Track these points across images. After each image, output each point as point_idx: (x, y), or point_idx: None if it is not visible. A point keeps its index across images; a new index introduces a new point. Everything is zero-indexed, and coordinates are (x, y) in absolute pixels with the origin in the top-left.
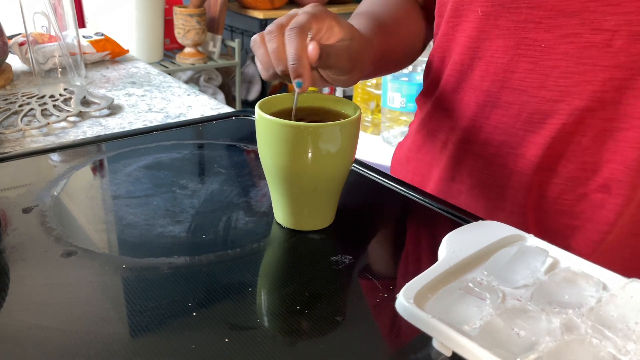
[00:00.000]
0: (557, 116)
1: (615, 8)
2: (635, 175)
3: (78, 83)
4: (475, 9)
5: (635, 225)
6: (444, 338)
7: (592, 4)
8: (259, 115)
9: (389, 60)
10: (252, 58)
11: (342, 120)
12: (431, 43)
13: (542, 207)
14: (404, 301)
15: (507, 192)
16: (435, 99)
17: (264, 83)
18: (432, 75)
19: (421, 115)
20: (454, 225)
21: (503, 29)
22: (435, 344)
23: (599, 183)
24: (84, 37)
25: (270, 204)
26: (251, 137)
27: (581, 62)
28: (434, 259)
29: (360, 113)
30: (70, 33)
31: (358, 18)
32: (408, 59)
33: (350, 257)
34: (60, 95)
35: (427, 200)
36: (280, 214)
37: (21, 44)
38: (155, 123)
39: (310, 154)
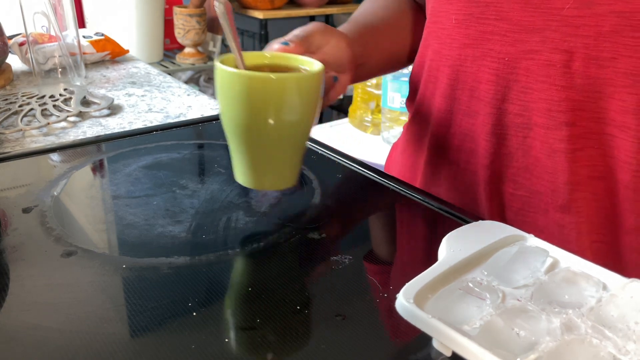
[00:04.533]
0: (518, 130)
1: (575, 30)
2: (590, 197)
3: (78, 83)
4: (450, 16)
5: (597, 244)
6: (444, 338)
7: (554, 24)
8: (217, 67)
9: (372, 65)
10: None
11: (301, 73)
12: None
13: (508, 218)
14: (404, 301)
15: (478, 199)
16: (416, 104)
17: None
18: (414, 80)
19: (408, 119)
20: (454, 225)
21: (472, 39)
22: (435, 344)
23: (558, 202)
24: (84, 37)
25: (271, 203)
26: None
27: (540, 79)
28: (434, 259)
29: (323, 69)
30: (70, 33)
31: (347, 24)
32: (393, 64)
33: (350, 257)
34: (60, 95)
35: (427, 200)
36: (240, 173)
37: (21, 44)
38: (155, 123)
39: (268, 108)
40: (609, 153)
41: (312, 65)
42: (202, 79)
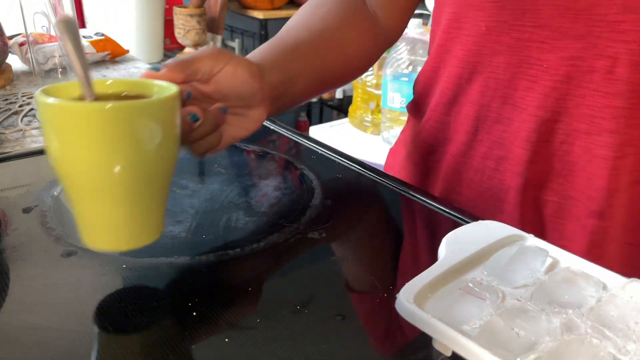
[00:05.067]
0: (556, 136)
1: (620, 35)
2: (627, 203)
3: None
4: (477, 23)
5: (627, 247)
6: (444, 338)
7: (597, 30)
8: (37, 98)
9: (300, 90)
10: None
11: (137, 100)
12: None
13: (538, 224)
14: (404, 301)
15: (505, 207)
16: (430, 110)
17: None
18: (425, 85)
19: (414, 124)
20: (454, 225)
21: (505, 46)
22: (435, 344)
23: (592, 208)
24: (83, 37)
25: (271, 203)
26: (251, 137)
27: (582, 85)
28: (434, 259)
29: (174, 94)
30: None
31: (267, 45)
32: (333, 83)
33: (350, 257)
34: None
35: (427, 200)
36: (83, 232)
37: (21, 44)
38: None
39: (98, 146)
40: None
41: (169, 91)
42: None
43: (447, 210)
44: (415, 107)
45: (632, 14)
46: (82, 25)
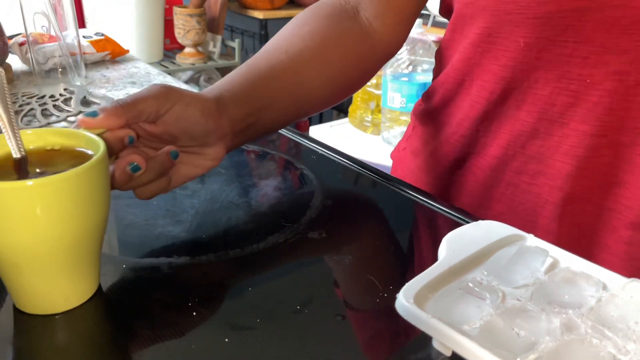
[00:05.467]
0: (599, 150)
1: None
2: None
3: (78, 83)
4: (515, 38)
5: None
6: (444, 338)
7: None
8: None
9: (272, 118)
10: None
11: (59, 175)
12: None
13: (575, 237)
14: (404, 301)
15: (540, 221)
16: (456, 123)
17: None
18: (446, 97)
19: (426, 133)
20: (454, 225)
21: (545, 61)
22: (435, 344)
23: (629, 219)
24: (84, 37)
25: (271, 203)
26: None
27: (627, 99)
28: (434, 259)
29: (100, 157)
30: (70, 33)
31: (237, 72)
32: (311, 107)
33: (350, 257)
34: (61, 95)
35: (427, 200)
36: (16, 299)
37: (21, 44)
38: None
39: (27, 221)
40: None
41: (97, 147)
42: (202, 79)
43: (447, 210)
44: (430, 117)
45: None
46: (82, 25)
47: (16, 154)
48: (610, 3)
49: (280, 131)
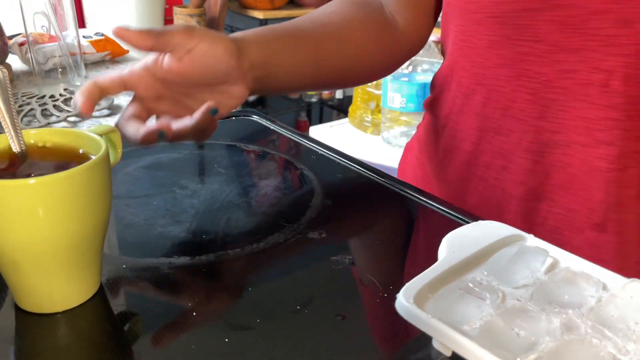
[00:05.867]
0: (555, 147)
1: (615, 49)
2: (634, 218)
3: (78, 83)
4: (480, 37)
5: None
6: (444, 338)
7: (593, 44)
8: None
9: (287, 77)
10: None
11: (64, 172)
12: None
13: (541, 235)
14: (404, 301)
15: (507, 216)
16: (444, 116)
17: None
18: (441, 89)
19: (430, 122)
20: (454, 225)
21: (506, 59)
22: (435, 344)
23: (594, 221)
24: (84, 37)
25: (271, 203)
26: (251, 137)
27: (579, 98)
28: (434, 259)
29: (102, 155)
30: (70, 33)
31: (263, 27)
32: (327, 81)
33: (350, 257)
34: (61, 95)
35: (427, 200)
36: (16, 296)
37: (21, 44)
38: None
39: (29, 219)
40: None
41: (99, 147)
42: None
43: (447, 210)
44: (433, 106)
45: (626, 29)
46: (82, 25)
47: (19, 152)
48: (560, 3)
49: (280, 131)
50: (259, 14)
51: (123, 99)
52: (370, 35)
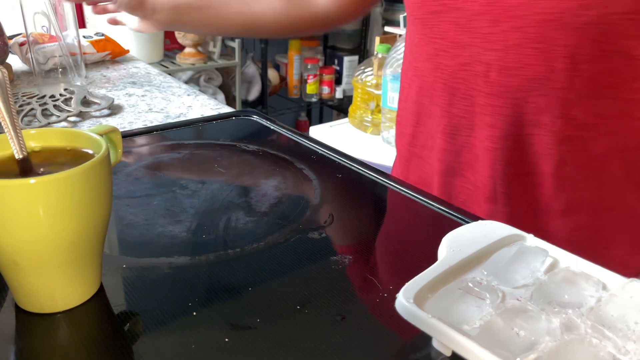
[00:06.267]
0: (462, 130)
1: (491, 45)
2: (519, 191)
3: (78, 83)
4: (413, 35)
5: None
6: (444, 338)
7: (477, 40)
8: None
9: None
10: (252, 58)
11: (67, 172)
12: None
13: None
14: (404, 301)
15: (433, 190)
16: (399, 104)
17: (264, 83)
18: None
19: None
20: (454, 225)
21: (428, 54)
22: (435, 344)
23: (487, 195)
24: (84, 37)
25: (271, 203)
26: (251, 137)
27: (471, 87)
28: (434, 259)
29: (103, 154)
30: (71, 33)
31: None
32: (245, 29)
33: (350, 257)
34: (61, 95)
35: (427, 200)
36: (16, 296)
37: (21, 44)
38: (155, 123)
39: (29, 219)
40: (530, 150)
41: (99, 147)
42: (202, 79)
43: (447, 210)
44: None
45: (497, 27)
46: (82, 25)
47: (18, 154)
48: (454, 6)
49: (280, 131)
50: None
51: (123, 99)
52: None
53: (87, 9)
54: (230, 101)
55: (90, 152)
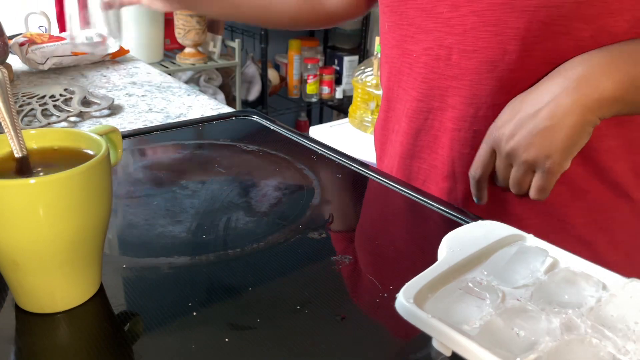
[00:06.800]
0: (422, 113)
1: (451, 29)
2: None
3: (78, 83)
4: (384, 23)
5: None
6: (444, 338)
7: (439, 25)
8: None
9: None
10: (252, 58)
11: (67, 172)
12: None
13: (412, 189)
14: (404, 301)
15: (395, 172)
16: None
17: (264, 83)
18: None
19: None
20: (454, 225)
21: (397, 41)
22: (435, 344)
23: (446, 174)
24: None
25: (271, 203)
26: (251, 137)
27: (434, 71)
28: (434, 259)
29: (103, 154)
30: (71, 33)
31: None
32: (261, 21)
33: (350, 257)
34: (61, 95)
35: (427, 200)
36: (16, 296)
37: (21, 44)
38: (155, 123)
39: (30, 219)
40: (483, 131)
41: (99, 147)
42: (202, 79)
43: (447, 210)
44: None
45: (457, 11)
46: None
47: (18, 154)
48: None
49: (280, 131)
50: None
51: (123, 99)
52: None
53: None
54: (230, 101)
55: (90, 152)
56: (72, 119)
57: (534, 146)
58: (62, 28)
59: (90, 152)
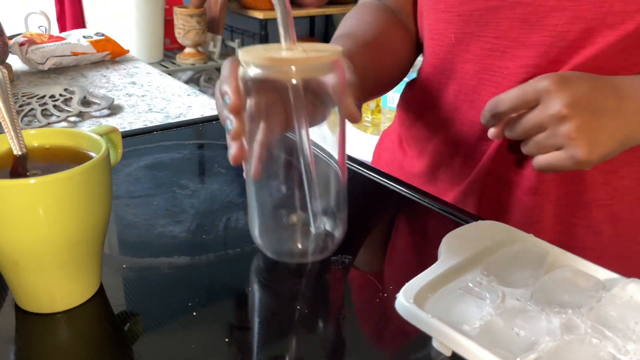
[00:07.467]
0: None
1: (570, 43)
2: (558, 179)
3: (79, 83)
4: (448, 34)
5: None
6: (444, 338)
7: (550, 39)
8: None
9: (373, 79)
10: None
11: (66, 172)
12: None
13: (495, 211)
14: (404, 301)
15: (475, 197)
16: (416, 111)
17: None
18: (418, 84)
19: (403, 114)
20: (454, 225)
21: (472, 54)
22: (435, 344)
23: (527, 186)
24: (84, 37)
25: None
26: None
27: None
28: (434, 259)
29: (102, 155)
30: (71, 33)
31: (339, 40)
32: (395, 78)
33: (350, 257)
34: (61, 95)
35: (427, 200)
36: (16, 297)
37: (21, 44)
38: (155, 123)
39: (30, 218)
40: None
41: (99, 147)
42: (202, 79)
43: (447, 210)
44: (409, 99)
45: (579, 24)
46: (82, 25)
47: (18, 153)
48: (519, 1)
49: None
50: (259, 14)
51: (123, 99)
52: (404, 40)
53: (88, 9)
54: None
55: (90, 152)
56: (72, 119)
57: (587, 136)
58: (62, 28)
59: (90, 152)
